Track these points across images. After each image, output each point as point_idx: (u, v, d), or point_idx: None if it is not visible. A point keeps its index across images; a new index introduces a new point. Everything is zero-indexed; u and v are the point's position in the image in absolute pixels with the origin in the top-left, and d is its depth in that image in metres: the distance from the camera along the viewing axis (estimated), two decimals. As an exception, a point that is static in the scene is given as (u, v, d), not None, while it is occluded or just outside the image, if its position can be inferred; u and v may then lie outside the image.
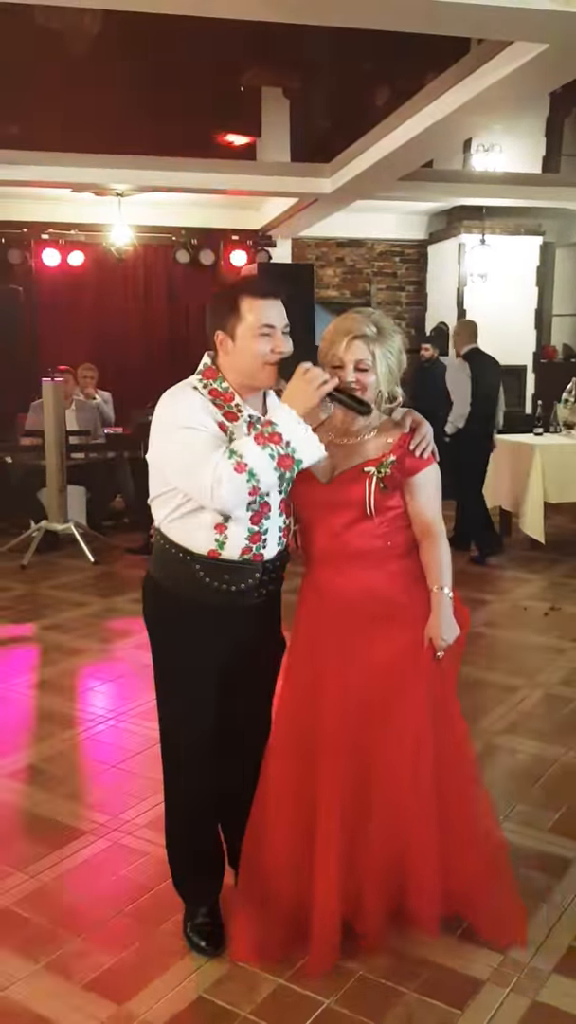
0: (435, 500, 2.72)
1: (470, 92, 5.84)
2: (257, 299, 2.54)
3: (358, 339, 2.60)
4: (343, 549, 2.67)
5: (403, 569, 2.71)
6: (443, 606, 2.66)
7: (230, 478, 2.40)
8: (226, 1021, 2.49)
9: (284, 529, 2.68)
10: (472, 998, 2.56)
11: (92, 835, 3.45)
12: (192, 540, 2.59)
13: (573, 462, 7.92)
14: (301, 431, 2.45)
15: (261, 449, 2.42)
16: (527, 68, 5.24)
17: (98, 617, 6.35)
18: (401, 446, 2.65)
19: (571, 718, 4.50)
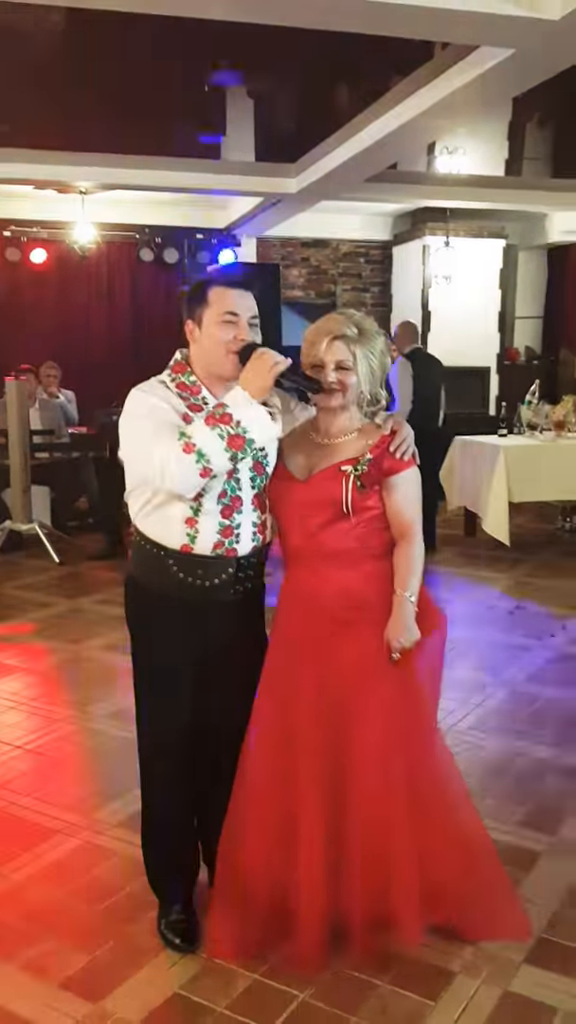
0: (413, 502, 2.73)
1: (435, 96, 5.89)
2: (224, 287, 2.58)
3: (339, 339, 2.62)
4: (318, 549, 2.68)
5: (378, 571, 2.71)
6: (403, 609, 2.66)
7: (178, 459, 2.42)
8: (202, 1017, 2.51)
9: (259, 525, 2.69)
10: (445, 989, 2.60)
11: (64, 834, 3.45)
12: (165, 535, 2.61)
13: (536, 463, 8.02)
14: (252, 411, 2.46)
15: (210, 430, 2.43)
16: (491, 73, 5.29)
17: (63, 618, 6.32)
18: (380, 446, 2.66)
19: (537, 714, 4.56)
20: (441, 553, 8.15)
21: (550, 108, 10.42)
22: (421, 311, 11.14)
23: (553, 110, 10.54)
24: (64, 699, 4.86)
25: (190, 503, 2.57)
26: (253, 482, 2.66)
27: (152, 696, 2.77)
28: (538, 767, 3.98)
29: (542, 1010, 2.53)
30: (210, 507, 2.58)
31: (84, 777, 3.93)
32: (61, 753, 4.19)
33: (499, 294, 11.40)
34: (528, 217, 11.54)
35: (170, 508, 2.58)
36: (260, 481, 2.67)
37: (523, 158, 10.84)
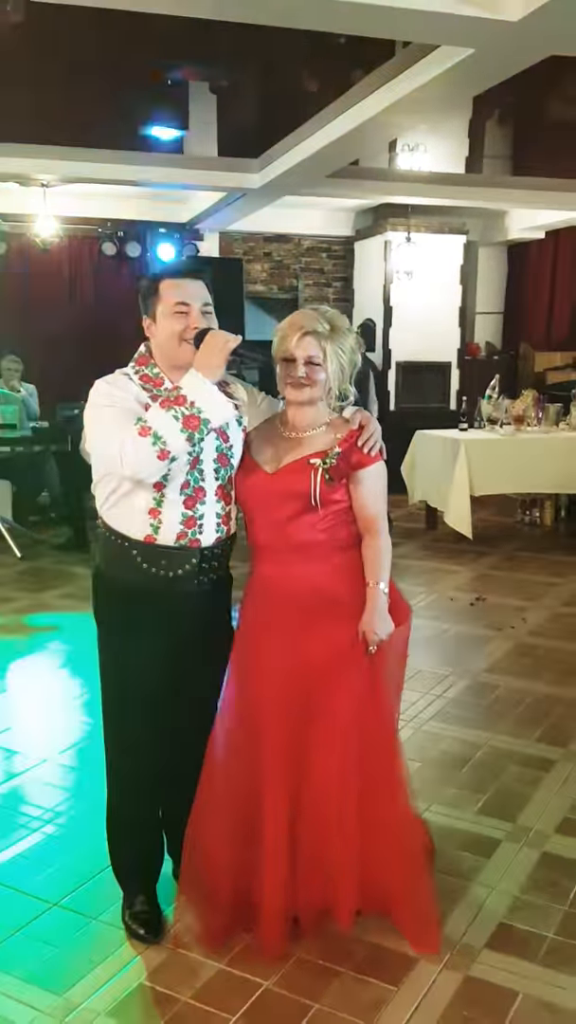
0: (380, 497, 2.77)
1: (397, 93, 5.92)
2: (173, 279, 2.62)
3: (310, 335, 2.64)
4: (286, 542, 2.70)
5: (346, 563, 2.74)
6: (378, 602, 2.70)
7: (135, 442, 2.44)
8: (167, 1006, 2.53)
9: (223, 516, 2.70)
10: (407, 975, 2.64)
11: (27, 828, 3.45)
12: (128, 526, 2.63)
13: (497, 456, 8.11)
14: (206, 390, 2.49)
15: (165, 412, 2.46)
16: (452, 72, 5.33)
17: (26, 612, 6.30)
18: (348, 440, 2.69)
19: (497, 704, 4.63)
20: (403, 546, 8.21)
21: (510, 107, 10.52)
22: (383, 306, 11.19)
23: (513, 109, 10.64)
24: (30, 693, 4.85)
25: (154, 494, 2.59)
26: (217, 473, 2.68)
27: (119, 690, 2.78)
28: (498, 756, 4.04)
29: (503, 994, 2.58)
30: (173, 497, 2.60)
31: (47, 770, 3.92)
32: (23, 747, 4.18)
33: (460, 290, 11.46)
34: (488, 214, 11.61)
35: (134, 499, 2.61)
36: (224, 472, 2.69)
37: (483, 156, 10.91)
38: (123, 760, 2.83)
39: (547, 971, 2.67)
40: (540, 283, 12.06)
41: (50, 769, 3.94)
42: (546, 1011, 2.51)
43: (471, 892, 3.04)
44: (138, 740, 2.78)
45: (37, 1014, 2.51)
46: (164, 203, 10.62)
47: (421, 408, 11.14)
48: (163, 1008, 2.53)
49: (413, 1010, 2.51)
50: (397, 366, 11.22)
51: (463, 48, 5.03)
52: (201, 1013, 2.50)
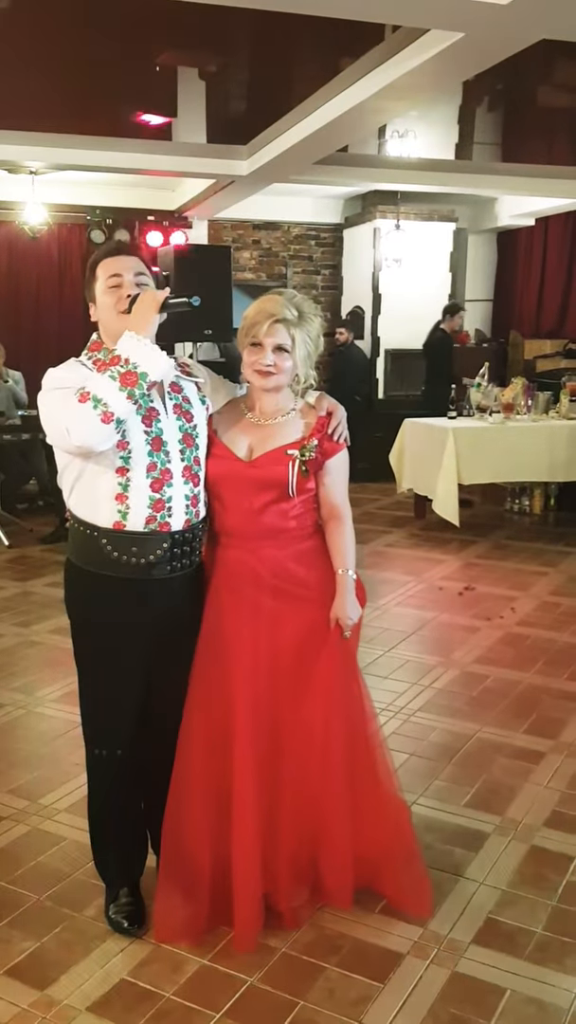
0: (344, 484, 2.82)
1: (386, 79, 5.86)
2: (107, 258, 2.65)
3: (279, 323, 2.64)
4: (259, 528, 2.70)
5: (312, 548, 2.78)
6: (348, 588, 2.74)
7: (75, 410, 2.43)
8: (150, 1003, 2.51)
9: (192, 498, 2.67)
10: (393, 971, 2.62)
11: (11, 820, 3.42)
12: (96, 514, 2.61)
13: (486, 445, 8.08)
14: (140, 347, 2.47)
15: (102, 375, 2.45)
16: (442, 57, 5.26)
17: (13, 601, 6.27)
18: (320, 429, 2.71)
19: (485, 695, 4.60)
20: (392, 535, 8.20)
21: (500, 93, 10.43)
22: (372, 294, 11.14)
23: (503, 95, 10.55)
24: (12, 683, 4.81)
25: (119, 479, 2.56)
26: (183, 454, 2.64)
27: (95, 681, 2.76)
28: (487, 748, 4.02)
29: (490, 990, 2.56)
30: (139, 481, 2.57)
31: (32, 762, 3.90)
32: (9, 738, 4.15)
33: (449, 277, 11.41)
34: (478, 201, 11.57)
35: (98, 485, 2.58)
36: (190, 453, 2.66)
37: (473, 142, 10.82)
38: (101, 751, 2.81)
39: (535, 967, 2.65)
40: (530, 270, 12.02)
41: (32, 761, 3.91)
42: (534, 1007, 2.49)
43: (459, 887, 3.01)
44: (115, 731, 2.76)
45: (18, 1010, 2.48)
46: (153, 190, 10.56)
47: (410, 396, 11.11)
48: (146, 1004, 2.50)
49: (400, 1007, 2.49)
50: (386, 354, 11.18)
51: (453, 32, 4.97)
52: (184, 1009, 2.48)
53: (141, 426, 2.57)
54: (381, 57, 5.82)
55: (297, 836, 2.75)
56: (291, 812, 2.73)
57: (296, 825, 2.74)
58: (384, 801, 2.92)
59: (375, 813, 2.86)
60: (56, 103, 8.28)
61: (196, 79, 9.30)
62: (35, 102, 8.20)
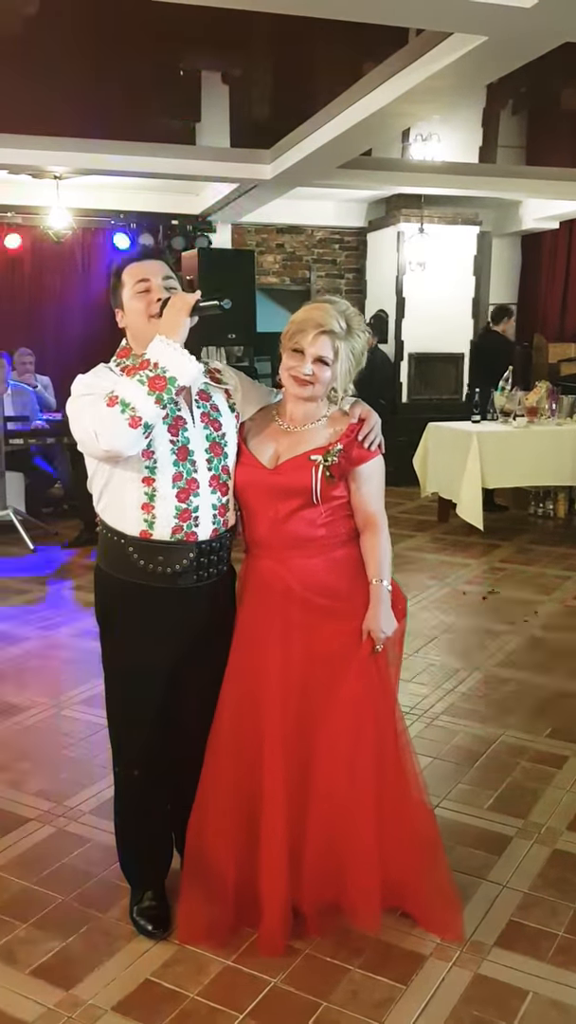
0: (379, 491, 2.74)
1: (409, 83, 5.87)
2: (131, 263, 2.65)
3: (326, 334, 2.59)
4: (286, 536, 2.67)
5: (345, 558, 2.72)
6: (382, 599, 2.68)
7: (104, 414, 2.43)
8: (174, 1003, 2.52)
9: (219, 507, 2.67)
10: (416, 973, 2.63)
11: (37, 822, 3.45)
12: (124, 522, 2.61)
13: (510, 448, 8.07)
14: (169, 351, 2.46)
15: (130, 379, 2.45)
16: (465, 60, 5.28)
17: (39, 604, 6.31)
18: (348, 435, 2.66)
19: (509, 699, 4.60)
20: (415, 539, 8.19)
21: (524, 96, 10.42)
22: (395, 297, 11.13)
23: (527, 98, 10.54)
24: (38, 686, 4.85)
25: (144, 488, 2.56)
26: (210, 463, 2.64)
27: (122, 687, 2.77)
28: (509, 751, 4.01)
29: (512, 993, 2.56)
30: (165, 491, 2.57)
31: (57, 765, 3.93)
32: (34, 740, 4.18)
33: (473, 280, 11.39)
34: (502, 204, 11.55)
35: (126, 494, 2.58)
36: (218, 462, 2.66)
37: (497, 145, 10.82)
38: (127, 753, 2.82)
39: (557, 970, 2.64)
40: (554, 274, 11.98)
41: (59, 762, 3.94)
42: (556, 1011, 2.49)
43: (482, 889, 3.01)
44: (142, 736, 2.76)
45: (44, 1009, 2.50)
46: (177, 194, 10.59)
47: (434, 400, 11.11)
48: (171, 1004, 2.51)
49: (422, 1008, 2.49)
50: (410, 357, 11.17)
51: (476, 36, 4.98)
52: (208, 1010, 2.49)
53: (167, 435, 2.57)
54: (405, 61, 5.83)
55: (324, 844, 2.72)
56: (317, 825, 2.70)
57: (323, 834, 2.71)
58: (413, 821, 2.87)
59: (403, 833, 2.81)
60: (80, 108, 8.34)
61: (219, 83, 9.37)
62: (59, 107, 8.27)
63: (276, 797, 2.66)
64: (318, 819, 2.70)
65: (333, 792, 2.69)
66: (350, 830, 2.72)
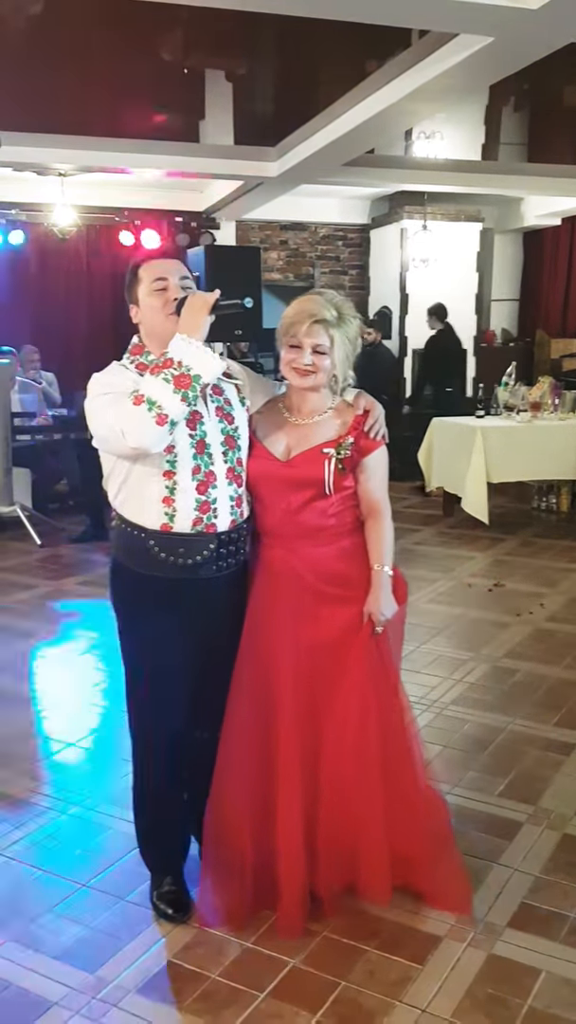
0: (383, 480, 2.84)
1: (414, 82, 5.92)
2: (147, 262, 2.69)
3: (319, 323, 2.68)
4: (298, 526, 2.76)
5: (353, 545, 2.81)
6: (383, 584, 2.77)
7: (130, 412, 2.47)
8: (196, 983, 2.58)
9: (236, 499, 2.73)
10: (431, 953, 2.69)
11: (56, 811, 3.51)
12: (143, 516, 2.66)
13: (514, 443, 8.13)
14: (192, 349, 2.50)
15: (155, 377, 2.49)
16: (470, 61, 5.33)
17: (47, 599, 6.37)
18: (356, 427, 2.75)
19: (516, 689, 4.66)
20: (421, 533, 8.25)
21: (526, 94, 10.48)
22: (399, 294, 11.20)
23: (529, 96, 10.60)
24: (52, 679, 4.91)
25: (165, 482, 2.61)
26: (225, 456, 2.70)
27: (142, 679, 2.82)
28: (518, 740, 4.08)
29: (526, 972, 2.62)
30: (185, 484, 2.62)
31: (73, 754, 3.99)
32: (49, 731, 4.25)
33: (476, 277, 11.46)
34: (504, 201, 11.61)
35: (146, 488, 2.64)
36: (233, 455, 2.72)
37: (499, 143, 10.89)
38: (147, 745, 2.88)
39: (569, 949, 2.71)
40: (556, 270, 12.04)
41: (77, 753, 4.00)
42: (568, 988, 2.55)
43: (493, 873, 3.08)
44: (162, 727, 2.82)
45: (69, 991, 2.56)
46: (181, 192, 10.64)
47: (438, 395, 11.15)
48: (192, 985, 2.58)
49: (439, 987, 2.55)
50: (413, 353, 11.23)
51: (482, 36, 5.03)
52: (229, 990, 2.55)
53: (186, 429, 2.62)
54: (410, 61, 5.89)
55: (335, 828, 2.80)
56: (329, 806, 2.77)
57: (334, 818, 2.79)
58: (419, 799, 2.95)
59: (410, 811, 2.89)
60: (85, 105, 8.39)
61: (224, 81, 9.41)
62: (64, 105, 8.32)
63: (291, 781, 2.73)
64: (328, 801, 2.77)
65: (341, 774, 2.77)
66: (359, 810, 2.79)
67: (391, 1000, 2.51)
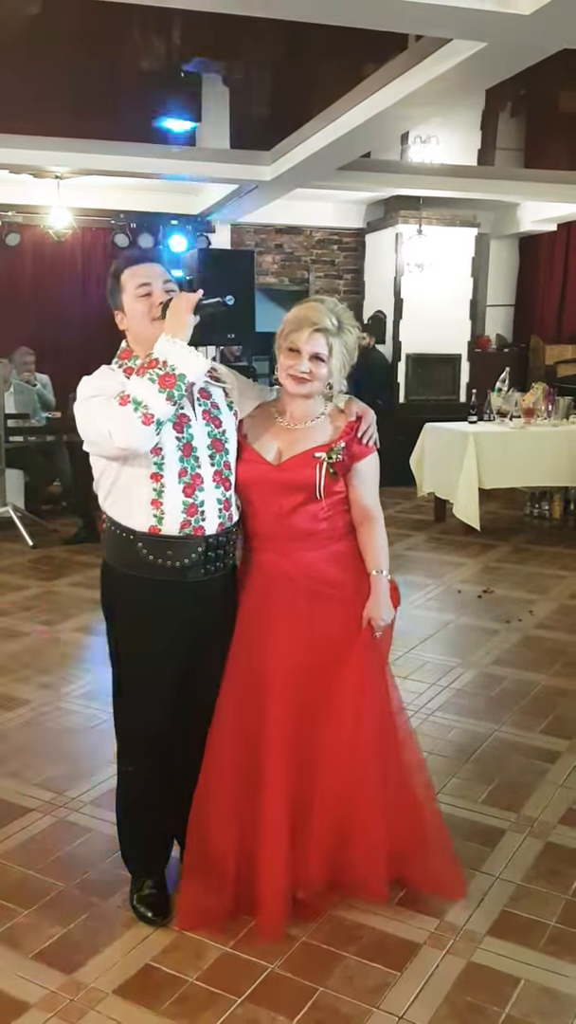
0: (375, 486, 2.86)
1: (409, 86, 5.92)
2: (132, 266, 2.69)
3: (320, 332, 2.69)
4: (289, 530, 2.77)
5: (344, 550, 2.83)
6: (381, 589, 2.79)
7: (117, 413, 2.48)
8: (173, 988, 2.57)
9: (224, 502, 2.73)
10: (410, 960, 2.68)
11: (38, 812, 3.50)
12: (132, 518, 2.67)
13: (506, 449, 8.13)
14: (176, 348, 2.52)
15: (140, 378, 2.51)
16: (465, 66, 5.33)
17: (38, 600, 6.36)
18: (348, 433, 2.77)
19: (503, 696, 4.66)
20: (412, 538, 8.25)
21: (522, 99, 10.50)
22: (393, 298, 11.19)
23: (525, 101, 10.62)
24: (38, 680, 4.90)
25: (153, 484, 2.62)
26: (212, 459, 2.71)
27: (131, 682, 2.82)
28: (503, 747, 4.08)
29: (505, 980, 2.62)
30: (172, 487, 2.63)
31: (58, 757, 3.98)
32: (35, 733, 4.24)
33: (471, 282, 11.45)
34: (500, 206, 11.61)
35: (135, 491, 2.64)
36: (220, 458, 2.73)
37: (495, 148, 10.89)
38: (132, 744, 2.88)
39: (549, 958, 2.70)
40: (551, 276, 12.04)
41: (58, 755, 3.99)
42: (547, 997, 2.55)
43: (475, 880, 3.07)
44: (149, 729, 2.82)
45: (47, 992, 2.56)
46: (176, 195, 10.64)
47: (431, 400, 11.17)
48: (170, 988, 2.57)
49: (416, 994, 2.55)
50: (407, 358, 11.23)
51: (475, 42, 5.03)
52: (207, 994, 2.55)
53: (172, 432, 2.63)
54: (405, 65, 5.89)
55: (329, 829, 2.80)
56: (324, 806, 2.78)
57: (328, 818, 2.80)
58: (413, 792, 2.99)
59: (404, 805, 2.93)
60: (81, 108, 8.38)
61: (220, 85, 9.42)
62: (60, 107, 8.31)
63: (278, 786, 2.73)
64: (324, 800, 2.78)
65: (337, 772, 2.78)
66: (356, 807, 2.81)
67: (368, 1007, 2.50)
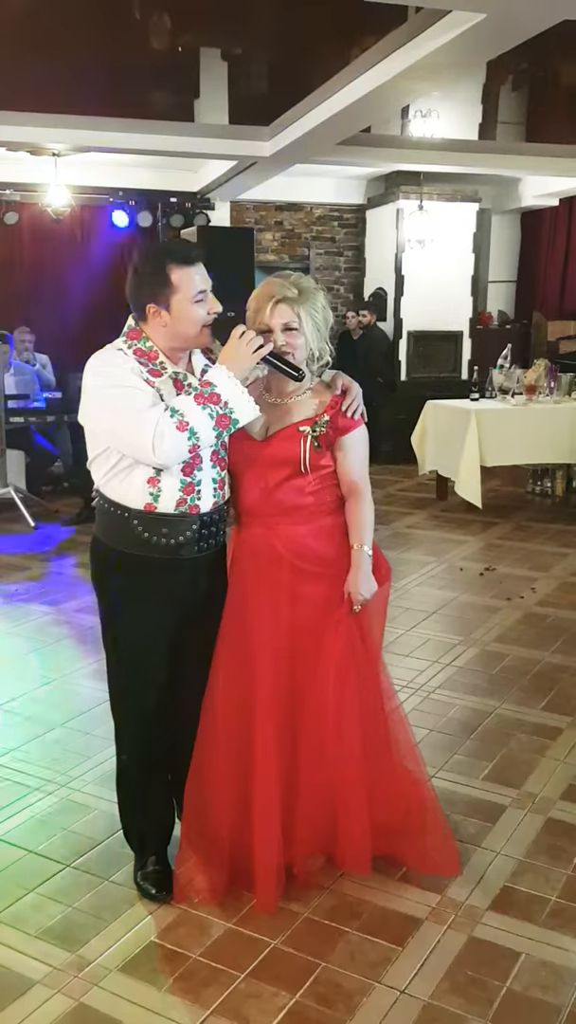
0: (362, 460, 2.88)
1: (408, 60, 5.87)
2: (186, 267, 2.59)
3: (281, 302, 2.69)
4: (276, 505, 2.78)
5: (333, 525, 2.84)
6: (362, 563, 2.80)
7: (172, 435, 2.49)
8: (177, 963, 2.60)
9: (219, 481, 2.76)
10: (412, 935, 2.70)
11: (41, 791, 3.52)
12: (128, 496, 2.67)
13: (508, 426, 8.11)
14: (239, 392, 2.57)
15: (201, 409, 2.52)
16: (464, 37, 5.28)
17: (41, 581, 6.37)
18: (333, 407, 2.79)
19: (504, 673, 4.66)
20: (413, 516, 8.25)
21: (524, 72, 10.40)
22: (394, 275, 11.14)
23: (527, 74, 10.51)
24: (42, 660, 4.91)
25: None
26: None
27: (125, 659, 2.83)
28: (505, 724, 4.08)
29: (505, 955, 2.63)
30: (173, 467, 2.63)
31: (61, 736, 3.99)
32: (38, 713, 4.25)
33: (472, 258, 11.39)
34: (501, 181, 11.53)
35: (134, 471, 2.65)
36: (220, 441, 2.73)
37: (497, 122, 10.80)
38: (130, 723, 2.90)
39: (549, 932, 2.72)
40: (553, 251, 11.98)
41: (62, 734, 4.01)
42: (547, 970, 2.56)
43: (476, 856, 3.09)
44: (144, 703, 2.83)
45: (51, 970, 2.58)
46: (175, 171, 10.58)
47: (433, 378, 11.14)
48: (174, 964, 2.59)
49: (418, 969, 2.57)
50: (408, 335, 11.19)
51: (475, 13, 4.98)
52: (211, 970, 2.56)
53: None
54: (404, 38, 5.83)
55: (314, 804, 2.83)
56: (308, 781, 2.81)
57: (313, 793, 2.82)
58: (401, 771, 3.00)
59: (392, 782, 2.95)
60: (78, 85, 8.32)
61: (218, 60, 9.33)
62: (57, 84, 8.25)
63: (268, 759, 2.75)
64: (308, 776, 2.81)
65: (321, 748, 2.80)
66: (338, 783, 2.82)
67: (370, 981, 2.52)
